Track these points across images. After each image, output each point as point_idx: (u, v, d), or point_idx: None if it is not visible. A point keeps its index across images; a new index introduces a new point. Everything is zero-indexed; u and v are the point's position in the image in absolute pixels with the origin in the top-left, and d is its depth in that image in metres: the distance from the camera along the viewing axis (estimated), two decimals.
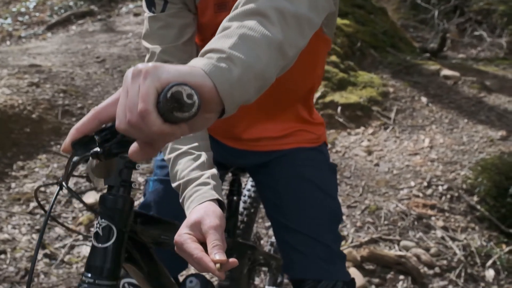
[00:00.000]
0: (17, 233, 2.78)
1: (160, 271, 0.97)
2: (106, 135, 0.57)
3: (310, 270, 1.15)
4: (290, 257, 1.19)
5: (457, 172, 3.55)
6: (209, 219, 0.87)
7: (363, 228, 3.03)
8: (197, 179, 0.97)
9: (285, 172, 1.25)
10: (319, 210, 1.21)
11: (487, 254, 3.00)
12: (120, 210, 0.82)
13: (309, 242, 1.17)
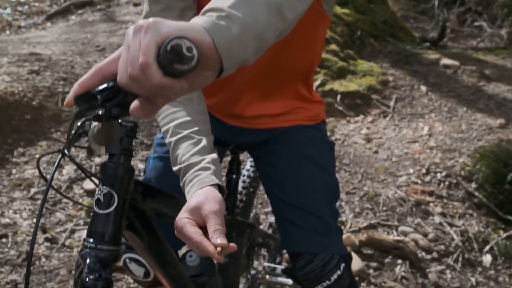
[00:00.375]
0: (18, 217, 2.80)
1: (161, 242, 0.99)
2: (108, 94, 0.58)
3: (307, 244, 1.16)
4: (288, 231, 1.20)
5: (456, 159, 3.56)
6: (209, 204, 0.88)
7: (361, 214, 3.05)
8: (197, 164, 0.98)
9: (284, 149, 1.27)
10: (317, 185, 1.23)
11: (484, 240, 3.02)
12: (121, 177, 0.83)
13: (307, 217, 1.18)
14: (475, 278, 2.74)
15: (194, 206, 0.89)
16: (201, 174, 0.96)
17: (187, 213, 0.89)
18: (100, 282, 0.76)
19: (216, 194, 0.92)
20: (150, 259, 1.00)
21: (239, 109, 1.27)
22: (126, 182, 0.84)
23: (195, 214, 0.88)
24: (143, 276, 1.28)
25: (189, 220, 0.87)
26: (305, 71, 1.28)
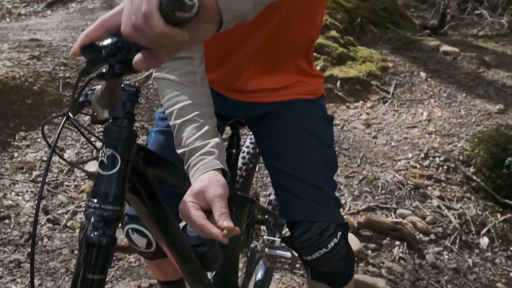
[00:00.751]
0: (20, 199, 2.83)
1: (163, 209, 1.01)
2: (112, 49, 0.60)
3: (304, 213, 1.19)
4: (287, 201, 1.23)
5: (454, 144, 3.59)
6: (213, 188, 0.90)
7: (360, 197, 3.08)
8: (201, 148, 0.99)
9: (284, 122, 1.30)
10: (315, 157, 1.25)
11: (482, 223, 3.06)
12: (124, 140, 0.86)
13: (305, 187, 1.21)
14: (472, 259, 2.78)
15: (198, 190, 0.91)
16: (205, 158, 0.98)
17: (192, 197, 0.91)
18: (104, 238, 0.79)
19: (220, 178, 0.94)
20: (152, 225, 1.02)
21: (241, 83, 1.30)
22: (129, 145, 0.86)
23: (199, 198, 0.91)
24: (145, 246, 1.31)
25: (193, 204, 0.90)
26: (306, 45, 1.30)
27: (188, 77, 1.08)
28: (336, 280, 1.27)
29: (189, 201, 0.90)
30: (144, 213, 0.99)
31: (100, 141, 0.87)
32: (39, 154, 3.24)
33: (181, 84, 1.06)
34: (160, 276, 1.54)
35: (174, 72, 1.08)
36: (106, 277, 0.80)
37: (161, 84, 1.09)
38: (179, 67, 1.08)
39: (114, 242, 0.81)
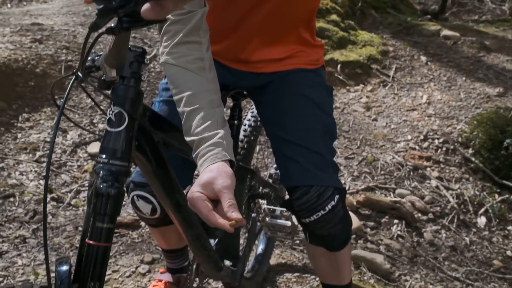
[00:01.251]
0: (24, 179, 2.87)
1: (168, 170, 1.05)
2: (121, 1, 0.63)
3: (303, 177, 1.23)
4: (288, 167, 1.27)
5: (454, 126, 3.62)
6: (221, 179, 0.93)
7: (359, 178, 3.12)
8: (210, 138, 1.01)
9: (285, 91, 1.33)
10: (316, 124, 1.29)
11: (479, 203, 3.10)
12: (131, 98, 0.89)
13: (306, 153, 1.25)
14: (469, 238, 2.82)
15: (206, 181, 0.93)
16: (214, 149, 1.00)
17: (200, 187, 0.93)
18: (113, 189, 0.82)
19: (228, 169, 0.96)
20: (157, 186, 1.06)
21: (245, 54, 1.33)
22: (136, 104, 0.90)
23: (207, 188, 0.93)
24: (150, 213, 1.35)
25: (201, 194, 0.93)
26: (308, 15, 1.33)
27: (197, 63, 1.08)
28: (333, 243, 1.31)
29: (197, 191, 0.93)
30: (149, 173, 1.03)
31: (108, 98, 0.90)
32: (42, 135, 3.27)
33: (190, 71, 1.07)
34: (164, 244, 1.58)
35: (183, 59, 1.08)
36: (114, 226, 0.84)
37: (169, 69, 1.10)
38: (187, 53, 1.08)
39: (122, 194, 0.84)
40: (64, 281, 0.79)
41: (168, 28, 1.09)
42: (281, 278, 2.07)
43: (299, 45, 1.36)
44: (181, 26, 1.07)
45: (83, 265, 0.80)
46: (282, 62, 1.34)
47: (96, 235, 0.81)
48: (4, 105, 3.39)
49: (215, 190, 0.92)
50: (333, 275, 1.39)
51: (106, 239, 0.82)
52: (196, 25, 1.08)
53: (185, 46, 1.08)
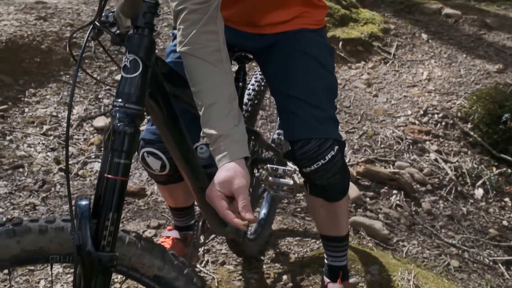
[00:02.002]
0: (32, 151, 2.94)
1: (178, 120, 1.11)
2: None
3: (306, 130, 1.30)
4: (291, 122, 1.34)
5: (453, 101, 3.67)
6: (238, 180, 1.03)
7: (360, 151, 3.18)
8: (228, 135, 1.08)
9: (291, 49, 1.40)
10: (319, 81, 1.36)
11: (477, 175, 3.17)
12: (145, 47, 0.95)
13: (309, 108, 1.32)
14: (467, 208, 2.90)
15: (224, 180, 1.04)
16: (232, 147, 1.08)
17: (218, 186, 1.05)
18: (129, 128, 0.89)
19: (244, 169, 1.06)
20: (167, 136, 1.12)
21: (254, 19, 1.40)
22: (149, 52, 0.96)
23: (224, 187, 1.04)
24: (160, 169, 1.41)
25: (219, 193, 1.05)
26: None
27: (215, 55, 1.13)
28: (332, 193, 1.38)
29: (216, 190, 1.05)
30: (160, 122, 1.09)
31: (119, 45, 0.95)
32: (48, 110, 3.33)
33: (209, 63, 1.12)
34: (172, 202, 1.65)
35: (202, 51, 1.12)
36: (131, 163, 0.90)
37: (189, 60, 1.13)
38: (207, 44, 1.13)
39: (137, 133, 0.91)
40: (85, 214, 0.86)
41: (186, 17, 1.12)
42: (282, 242, 2.14)
43: (304, 6, 1.42)
44: (198, 15, 1.11)
45: (102, 198, 0.87)
46: (288, 23, 1.41)
47: (114, 170, 0.87)
48: (11, 81, 3.45)
49: (231, 190, 1.03)
50: (332, 226, 1.46)
51: (123, 173, 0.88)
52: (213, 14, 1.13)
53: (204, 37, 1.12)
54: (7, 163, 2.76)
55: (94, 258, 0.84)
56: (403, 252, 2.30)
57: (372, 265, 1.89)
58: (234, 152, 1.07)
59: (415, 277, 1.81)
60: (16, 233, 0.87)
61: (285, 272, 1.88)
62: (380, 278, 1.80)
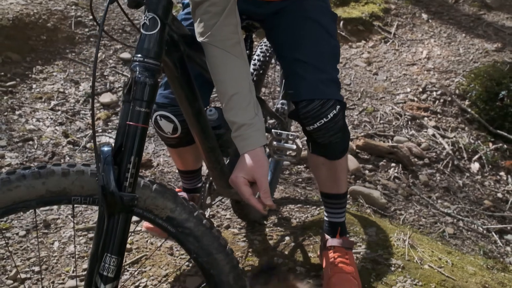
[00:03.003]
0: (41, 125, 3.02)
1: (191, 79, 1.19)
2: None
3: (311, 91, 1.38)
4: (297, 84, 1.42)
5: (451, 79, 3.74)
6: (260, 169, 1.17)
7: (360, 126, 3.26)
8: (251, 125, 1.19)
9: (297, 15, 1.48)
10: (323, 45, 1.44)
11: (474, 150, 3.25)
12: (163, 6, 1.02)
13: (314, 70, 1.41)
14: (463, 181, 2.99)
15: (249, 168, 1.18)
16: (253, 136, 1.19)
17: (243, 173, 1.18)
18: (149, 79, 0.96)
19: (264, 157, 1.20)
20: (180, 94, 1.20)
21: None
22: (167, 11, 1.03)
23: (248, 174, 1.18)
24: (172, 131, 1.50)
25: (244, 180, 1.18)
26: None
27: (236, 47, 1.21)
28: (333, 151, 1.47)
29: (241, 177, 1.18)
30: (175, 80, 1.17)
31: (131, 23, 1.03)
32: (56, 86, 3.40)
33: (232, 54, 1.20)
34: (181, 165, 1.74)
35: (226, 42, 1.20)
36: (150, 112, 0.98)
37: (212, 51, 1.21)
38: (229, 36, 1.20)
39: (157, 85, 0.98)
40: (108, 158, 0.95)
41: (208, 9, 1.19)
42: (284, 208, 2.24)
43: None
44: (220, 8, 1.18)
45: (124, 144, 0.95)
46: None
47: (136, 118, 0.95)
48: (18, 58, 3.52)
49: (254, 177, 1.18)
50: (332, 184, 1.55)
51: (144, 121, 0.96)
52: (232, 6, 1.21)
53: (226, 29, 1.20)
54: (17, 136, 2.85)
55: (117, 198, 0.93)
56: (400, 220, 2.40)
57: (370, 228, 1.98)
58: (256, 140, 1.19)
59: (410, 237, 1.90)
60: (42, 175, 0.95)
61: (287, 234, 1.98)
62: (377, 238, 1.89)
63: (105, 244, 0.94)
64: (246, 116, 1.19)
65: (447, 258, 1.84)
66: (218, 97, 1.24)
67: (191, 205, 1.07)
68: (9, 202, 0.93)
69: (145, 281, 1.74)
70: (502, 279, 1.81)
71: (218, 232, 1.10)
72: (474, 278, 1.73)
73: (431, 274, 1.70)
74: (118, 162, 0.96)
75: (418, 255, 1.81)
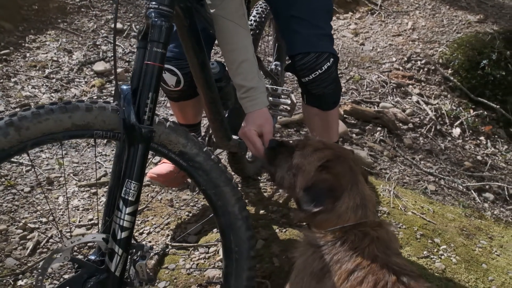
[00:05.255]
0: (37, 92, 3.08)
1: (198, 31, 1.28)
2: None
3: (306, 45, 1.49)
4: (293, 39, 1.53)
5: (435, 49, 3.87)
6: (268, 126, 1.38)
7: (347, 93, 3.38)
8: (258, 88, 1.38)
9: None
10: (318, 2, 1.55)
11: (455, 116, 3.41)
12: None
13: (309, 26, 1.51)
14: (444, 144, 3.14)
15: (259, 124, 1.38)
16: (261, 97, 1.39)
17: (254, 127, 1.37)
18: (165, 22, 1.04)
19: (270, 116, 1.41)
20: (188, 43, 1.29)
21: None
22: None
23: (258, 128, 1.37)
24: (175, 84, 1.59)
25: (255, 132, 1.37)
26: None
27: (243, 19, 1.38)
28: (326, 102, 1.58)
29: (252, 129, 1.37)
30: (184, 30, 1.26)
31: None
32: (49, 55, 3.45)
33: (240, 26, 1.36)
34: (182, 119, 1.84)
35: (234, 15, 1.35)
36: (166, 53, 1.08)
37: (222, 23, 1.36)
38: (237, 8, 1.36)
39: (171, 28, 1.08)
40: (128, 95, 1.05)
41: None
42: None
43: None
44: None
45: (142, 82, 1.05)
46: None
47: (154, 57, 1.04)
48: (11, 27, 3.55)
49: (263, 131, 1.38)
50: (325, 133, 1.67)
51: (160, 61, 1.06)
52: None
53: (233, 2, 1.35)
54: (14, 102, 2.91)
55: (137, 130, 1.03)
56: (386, 178, 2.54)
57: None
58: (262, 101, 1.40)
59: (395, 189, 2.04)
60: (68, 110, 1.05)
61: None
62: None
63: (126, 172, 1.04)
64: (254, 80, 1.38)
65: (429, 207, 1.98)
66: (226, 64, 1.40)
67: (201, 141, 1.18)
68: (39, 134, 1.03)
69: (148, 228, 1.86)
70: (479, 225, 1.96)
71: (224, 167, 1.21)
72: (453, 223, 1.87)
73: (414, 219, 1.84)
74: (136, 99, 1.06)
75: (402, 203, 1.95)
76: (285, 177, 1.20)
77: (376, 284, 0.98)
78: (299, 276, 1.10)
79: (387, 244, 1.08)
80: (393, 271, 1.00)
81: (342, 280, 1.01)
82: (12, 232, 1.88)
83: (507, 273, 1.71)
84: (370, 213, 1.13)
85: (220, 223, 1.22)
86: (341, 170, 1.14)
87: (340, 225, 1.10)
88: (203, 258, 1.67)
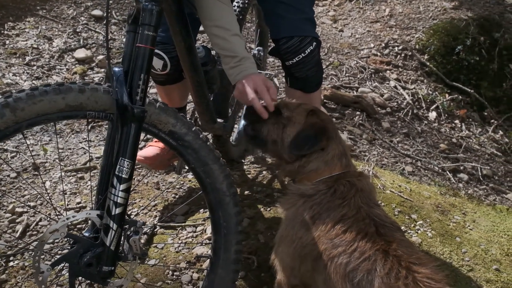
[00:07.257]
0: (18, 79, 3.07)
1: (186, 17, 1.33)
2: None
3: (290, 29, 1.55)
4: (278, 23, 1.58)
5: (412, 35, 3.96)
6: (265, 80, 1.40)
7: (326, 79, 3.45)
8: (249, 58, 1.43)
9: None
10: None
11: (431, 101, 3.51)
12: None
13: (293, 10, 1.57)
14: (421, 127, 3.24)
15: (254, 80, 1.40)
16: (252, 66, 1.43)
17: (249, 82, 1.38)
18: (155, 7, 1.09)
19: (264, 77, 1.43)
20: (175, 27, 1.33)
21: None
22: None
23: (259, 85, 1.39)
24: (161, 68, 1.63)
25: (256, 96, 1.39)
26: None
27: None
28: (309, 84, 1.65)
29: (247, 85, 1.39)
30: (172, 15, 1.29)
31: None
32: (29, 42, 3.43)
33: (223, 3, 1.41)
34: (168, 102, 1.87)
35: None
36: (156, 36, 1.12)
37: (207, 1, 1.40)
38: None
39: (162, 12, 1.12)
40: (120, 76, 1.09)
41: None
42: None
43: None
44: None
45: (133, 64, 1.09)
46: None
47: (145, 40, 1.08)
48: None
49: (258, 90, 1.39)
50: None
51: (151, 43, 1.10)
52: None
53: None
54: None
55: (130, 110, 1.07)
56: (365, 160, 2.63)
57: None
58: (254, 69, 1.45)
59: (374, 169, 2.12)
60: (61, 91, 1.08)
61: (264, 169, 2.16)
62: None
63: (120, 150, 1.09)
64: (244, 51, 1.43)
65: (406, 186, 2.07)
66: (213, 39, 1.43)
67: (189, 122, 1.23)
68: (33, 115, 1.06)
69: (136, 210, 1.90)
70: (453, 202, 2.06)
71: (212, 145, 1.27)
72: (429, 200, 1.97)
73: (392, 197, 1.92)
74: (128, 80, 1.10)
75: (381, 182, 2.03)
76: (273, 130, 1.31)
77: (358, 234, 1.06)
78: (289, 226, 1.18)
79: (368, 195, 1.17)
80: (374, 223, 1.09)
81: (329, 228, 1.09)
82: (1, 216, 1.91)
83: (479, 245, 1.81)
84: (350, 162, 1.23)
85: (209, 199, 1.28)
86: (326, 118, 1.23)
87: (327, 175, 1.18)
88: (190, 237, 1.73)
